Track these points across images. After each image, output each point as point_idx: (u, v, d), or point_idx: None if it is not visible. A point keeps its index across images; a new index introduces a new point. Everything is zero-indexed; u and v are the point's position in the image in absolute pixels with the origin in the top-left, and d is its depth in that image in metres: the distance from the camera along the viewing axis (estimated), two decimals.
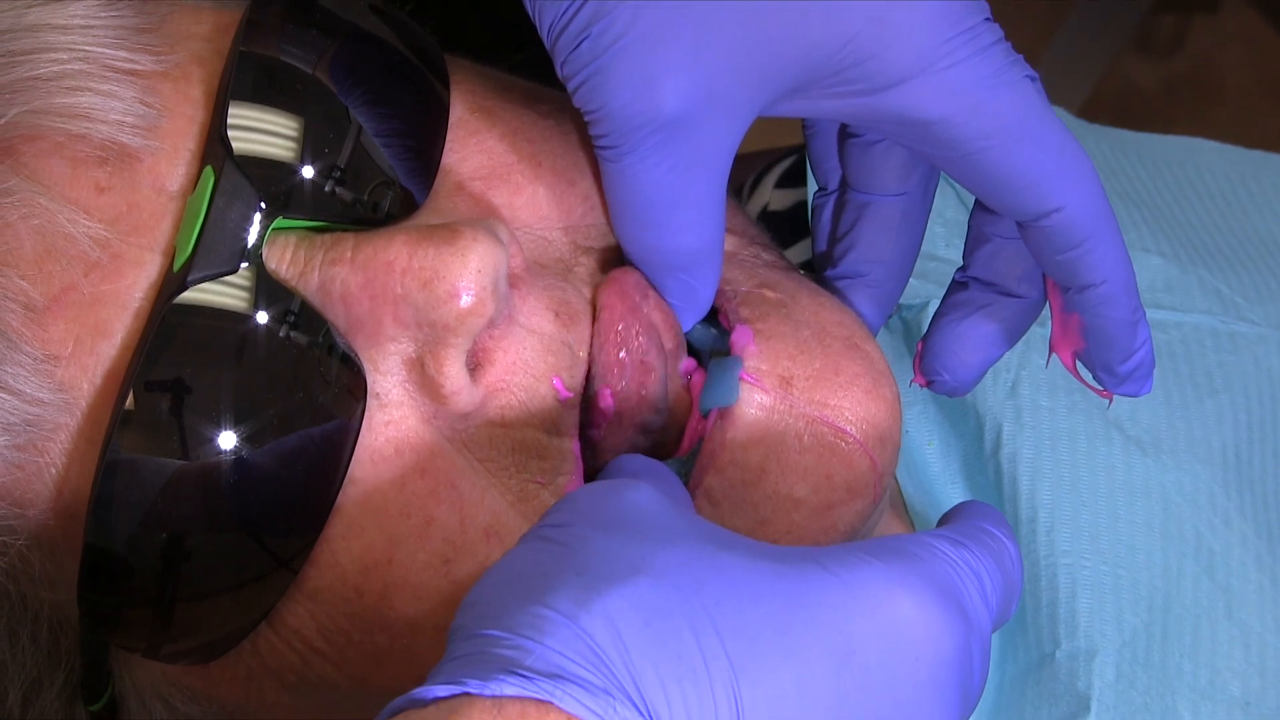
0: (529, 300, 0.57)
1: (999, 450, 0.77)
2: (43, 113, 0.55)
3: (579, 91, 0.56)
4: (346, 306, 0.55)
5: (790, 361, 0.60)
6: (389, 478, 0.55)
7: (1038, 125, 0.56)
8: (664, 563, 0.45)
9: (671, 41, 0.54)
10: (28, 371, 0.53)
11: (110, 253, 0.55)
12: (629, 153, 0.56)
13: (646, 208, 0.57)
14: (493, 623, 0.44)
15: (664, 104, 0.55)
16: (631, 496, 0.50)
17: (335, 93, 0.57)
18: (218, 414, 0.54)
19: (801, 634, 0.44)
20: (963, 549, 0.49)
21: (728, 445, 0.59)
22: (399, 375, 0.55)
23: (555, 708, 0.41)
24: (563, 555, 0.47)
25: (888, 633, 0.45)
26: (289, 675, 0.58)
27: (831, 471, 0.59)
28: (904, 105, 0.56)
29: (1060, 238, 0.57)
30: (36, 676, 0.59)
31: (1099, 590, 0.74)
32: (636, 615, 0.43)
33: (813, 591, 0.45)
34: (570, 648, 0.43)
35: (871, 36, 0.55)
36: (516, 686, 0.41)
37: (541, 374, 0.57)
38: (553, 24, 0.55)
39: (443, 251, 0.54)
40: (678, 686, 0.42)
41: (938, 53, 0.55)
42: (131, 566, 0.55)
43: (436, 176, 0.58)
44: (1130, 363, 0.60)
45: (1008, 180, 0.56)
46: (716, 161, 0.57)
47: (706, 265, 0.59)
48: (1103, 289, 0.58)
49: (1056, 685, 0.73)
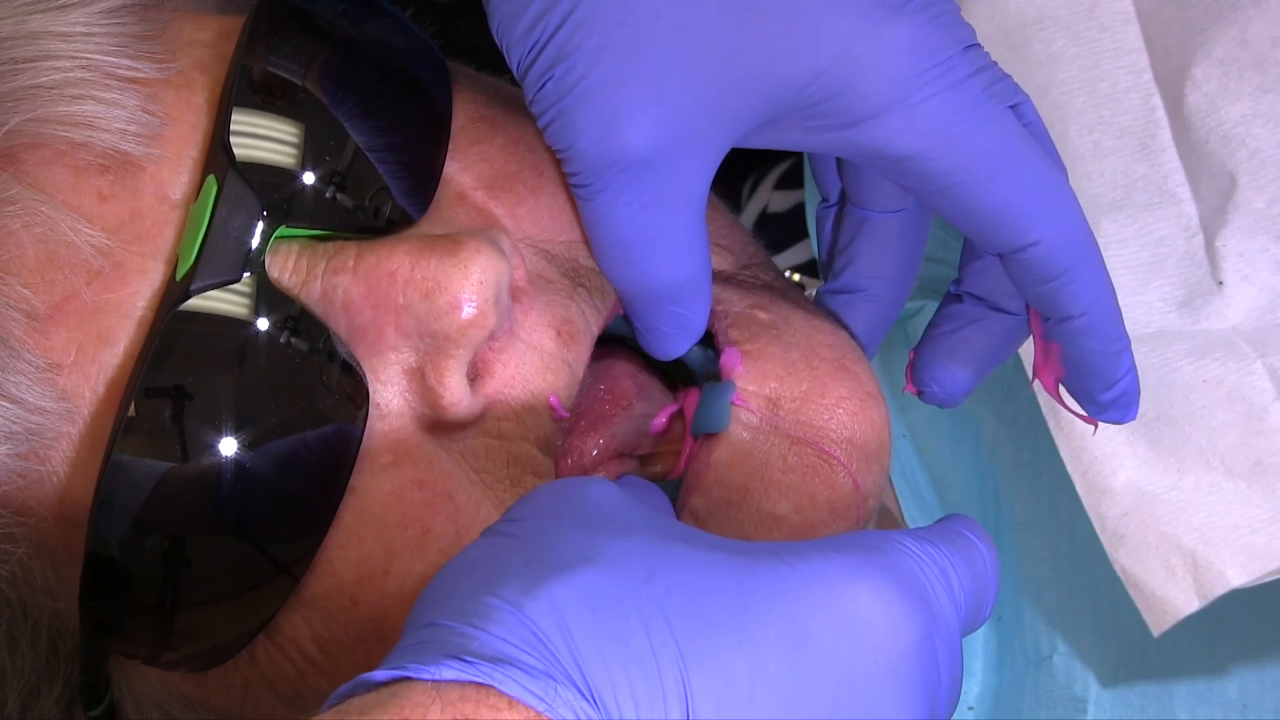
0: (530, 315, 0.57)
1: (994, 455, 0.77)
2: (45, 121, 0.55)
3: (547, 130, 0.56)
4: (349, 316, 0.54)
5: (777, 383, 0.60)
6: (388, 488, 0.55)
7: (1014, 159, 0.55)
8: (615, 553, 0.45)
9: (634, 82, 0.54)
10: (30, 380, 0.53)
11: (113, 261, 0.54)
12: (600, 191, 0.56)
13: (624, 245, 0.57)
14: (441, 612, 0.44)
15: (630, 144, 0.54)
16: (590, 491, 0.49)
17: (337, 101, 0.57)
18: (220, 422, 0.54)
19: (754, 623, 0.44)
20: (928, 545, 0.48)
21: (712, 465, 0.59)
22: (399, 385, 0.55)
23: (495, 690, 0.41)
24: (515, 547, 0.47)
25: (845, 623, 0.45)
26: (284, 686, 0.58)
27: (814, 491, 0.59)
28: (876, 140, 0.55)
29: (1038, 270, 0.56)
30: (35, 684, 0.58)
31: (1095, 592, 0.74)
32: (583, 602, 0.43)
33: (767, 582, 0.45)
34: (514, 634, 0.43)
35: (841, 72, 0.54)
36: (457, 670, 0.42)
37: (539, 391, 0.57)
38: (520, 61, 0.55)
39: (445, 262, 0.54)
40: (623, 671, 0.42)
41: (909, 87, 0.54)
42: (133, 573, 0.54)
43: (439, 185, 0.58)
44: (1112, 392, 0.59)
45: (983, 214, 0.56)
46: (690, 196, 0.57)
47: (694, 294, 0.59)
48: (1081, 321, 0.57)
49: (1054, 689, 0.73)
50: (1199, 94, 0.68)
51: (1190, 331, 0.69)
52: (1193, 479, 0.68)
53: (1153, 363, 0.68)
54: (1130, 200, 0.70)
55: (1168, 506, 0.68)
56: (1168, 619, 0.68)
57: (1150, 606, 0.68)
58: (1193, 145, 0.69)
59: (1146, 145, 0.70)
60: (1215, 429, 0.67)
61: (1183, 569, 0.67)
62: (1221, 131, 0.68)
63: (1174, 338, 0.68)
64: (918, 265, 0.64)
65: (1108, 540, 0.68)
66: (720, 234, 0.64)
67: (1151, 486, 0.68)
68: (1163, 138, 0.69)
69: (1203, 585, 0.67)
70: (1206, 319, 0.69)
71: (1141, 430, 0.68)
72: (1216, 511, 0.67)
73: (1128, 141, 0.70)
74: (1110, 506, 0.68)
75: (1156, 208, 0.70)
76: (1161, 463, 0.68)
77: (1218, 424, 0.67)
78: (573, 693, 0.42)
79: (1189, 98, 0.68)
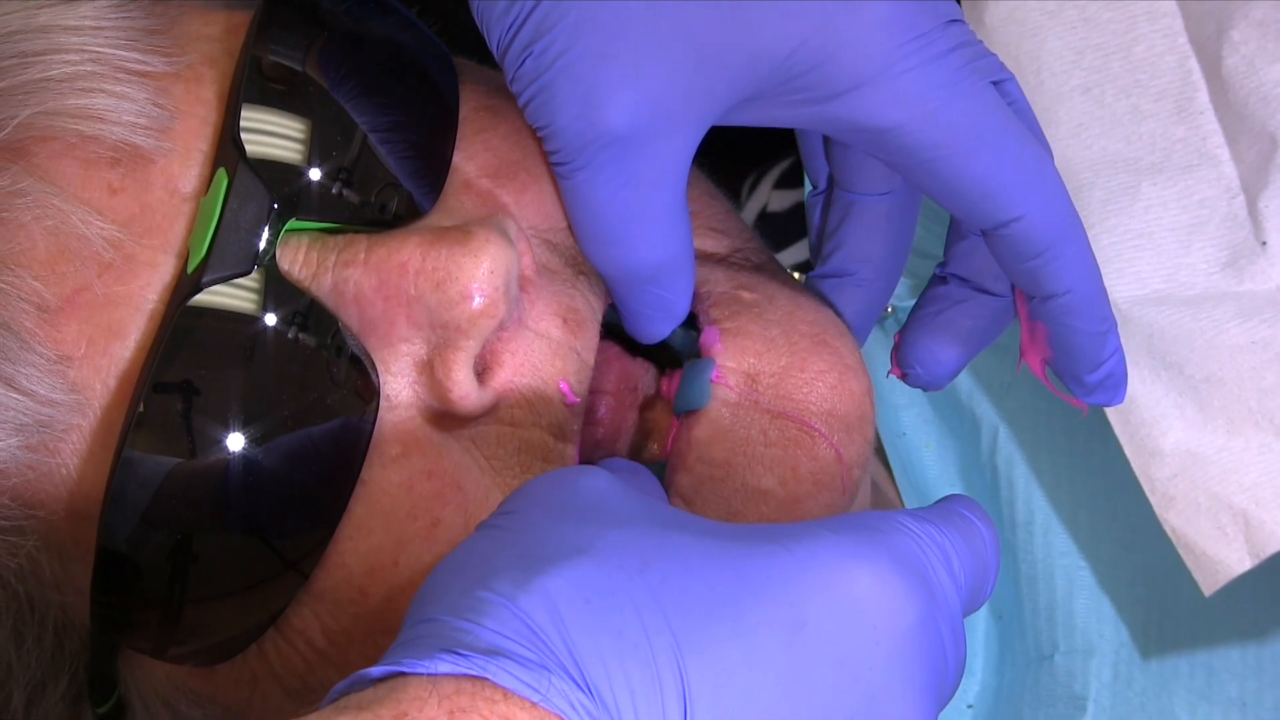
0: (537, 305, 0.57)
1: (995, 452, 0.77)
2: (55, 114, 0.55)
3: (528, 108, 0.56)
4: (360, 308, 0.55)
5: (755, 359, 0.60)
6: (397, 480, 0.55)
7: (995, 133, 0.55)
8: (609, 543, 0.45)
9: (614, 58, 0.54)
10: (41, 372, 0.53)
11: (123, 254, 0.54)
12: (581, 169, 0.56)
13: (604, 224, 0.57)
14: (436, 608, 0.44)
15: (610, 121, 0.55)
16: (584, 482, 0.49)
17: (346, 94, 0.57)
18: (231, 415, 0.54)
19: (750, 609, 0.44)
20: (928, 524, 0.48)
21: (694, 443, 0.59)
22: (409, 376, 0.56)
23: (490, 683, 0.41)
24: (508, 540, 0.47)
25: (843, 605, 0.45)
26: (292, 680, 0.58)
27: (797, 464, 0.59)
28: (856, 113, 0.55)
29: (1021, 246, 0.56)
30: (40, 679, 0.58)
31: (1096, 591, 0.74)
32: (576, 594, 0.43)
33: (762, 567, 0.45)
34: (508, 627, 0.43)
35: (818, 44, 0.54)
36: (451, 664, 0.42)
37: (550, 377, 0.57)
38: (499, 39, 0.55)
39: (455, 253, 0.54)
40: (618, 661, 0.42)
41: (888, 59, 0.54)
42: (144, 567, 0.54)
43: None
44: (1098, 373, 0.59)
45: (965, 189, 0.56)
46: (671, 174, 0.57)
47: (676, 275, 0.59)
48: (1065, 299, 0.57)
49: (1055, 687, 0.73)
50: (1237, 56, 0.68)
51: (1236, 292, 0.68)
52: (1243, 440, 0.67)
53: (1200, 325, 0.68)
54: (1169, 163, 0.70)
55: (1218, 468, 0.67)
56: (1219, 578, 0.67)
57: (1201, 567, 0.68)
58: (1232, 107, 0.68)
59: (1183, 108, 0.69)
60: (1265, 390, 0.67)
61: (1234, 529, 0.67)
62: (1261, 93, 0.67)
63: (1220, 299, 0.68)
64: (907, 249, 0.64)
65: (1157, 502, 0.68)
66: (716, 219, 0.65)
67: (1201, 448, 0.68)
68: (1200, 100, 0.69)
69: (1255, 544, 0.67)
70: (1251, 279, 0.68)
71: (1190, 392, 0.68)
72: (1268, 471, 0.67)
73: (1165, 104, 0.70)
74: (1159, 468, 0.68)
75: (1196, 170, 0.69)
76: (1211, 424, 0.68)
77: (1267, 385, 0.67)
78: (567, 683, 0.42)
79: (1227, 60, 0.68)
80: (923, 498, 0.78)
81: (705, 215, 0.64)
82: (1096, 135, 0.70)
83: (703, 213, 0.64)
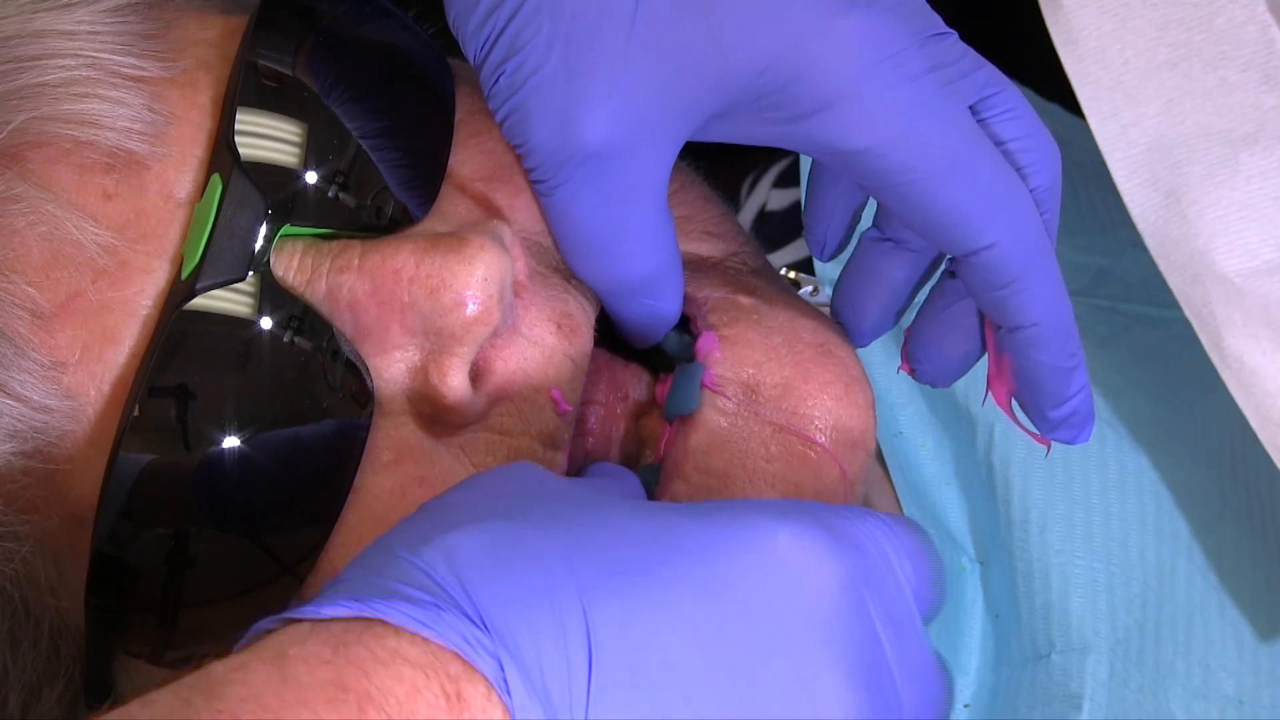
0: (531, 311, 0.57)
1: (991, 451, 0.77)
2: (50, 119, 0.55)
3: (504, 126, 0.56)
4: (354, 314, 0.55)
5: (755, 369, 0.60)
6: (389, 486, 0.55)
7: (968, 159, 0.54)
8: (524, 510, 0.45)
9: (585, 76, 0.54)
10: (35, 378, 0.53)
11: (118, 260, 0.54)
12: (559, 186, 0.56)
13: (587, 239, 0.57)
14: (349, 570, 0.45)
15: (584, 138, 0.54)
16: (531, 472, 0.50)
17: (341, 99, 0.57)
18: (225, 421, 0.54)
19: (661, 562, 0.44)
20: (871, 516, 0.48)
21: (690, 452, 0.59)
22: (402, 383, 0.56)
23: (380, 620, 0.41)
24: (427, 516, 0.47)
25: (760, 563, 0.44)
26: None
27: (800, 481, 0.59)
28: (827, 134, 0.54)
29: (990, 275, 0.56)
30: (36, 683, 0.58)
31: (1092, 589, 0.74)
32: (479, 548, 0.43)
33: (679, 531, 0.45)
34: (406, 576, 0.43)
35: (790, 62, 0.53)
36: (342, 608, 0.42)
37: (542, 385, 0.57)
38: (474, 56, 0.55)
39: (449, 260, 0.54)
40: (521, 605, 0.42)
41: (857, 79, 0.53)
42: (139, 573, 0.55)
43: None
44: (1063, 409, 0.58)
45: (936, 215, 0.55)
46: (649, 187, 0.56)
47: (664, 284, 0.59)
48: (1032, 331, 0.56)
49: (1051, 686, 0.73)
50: None
51: None
52: None
53: None
54: (1264, 131, 0.69)
55: None
56: None
57: None
58: None
59: (1270, 76, 0.69)
60: None
61: None
62: None
63: None
64: None
65: None
66: (711, 222, 0.64)
67: None
68: None
69: None
70: None
71: None
72: None
73: (1252, 74, 0.69)
74: None
75: None
76: None
77: None
78: (462, 620, 0.42)
79: None
80: (919, 496, 0.78)
81: (701, 219, 0.64)
82: (1188, 110, 0.69)
83: (698, 216, 0.64)
